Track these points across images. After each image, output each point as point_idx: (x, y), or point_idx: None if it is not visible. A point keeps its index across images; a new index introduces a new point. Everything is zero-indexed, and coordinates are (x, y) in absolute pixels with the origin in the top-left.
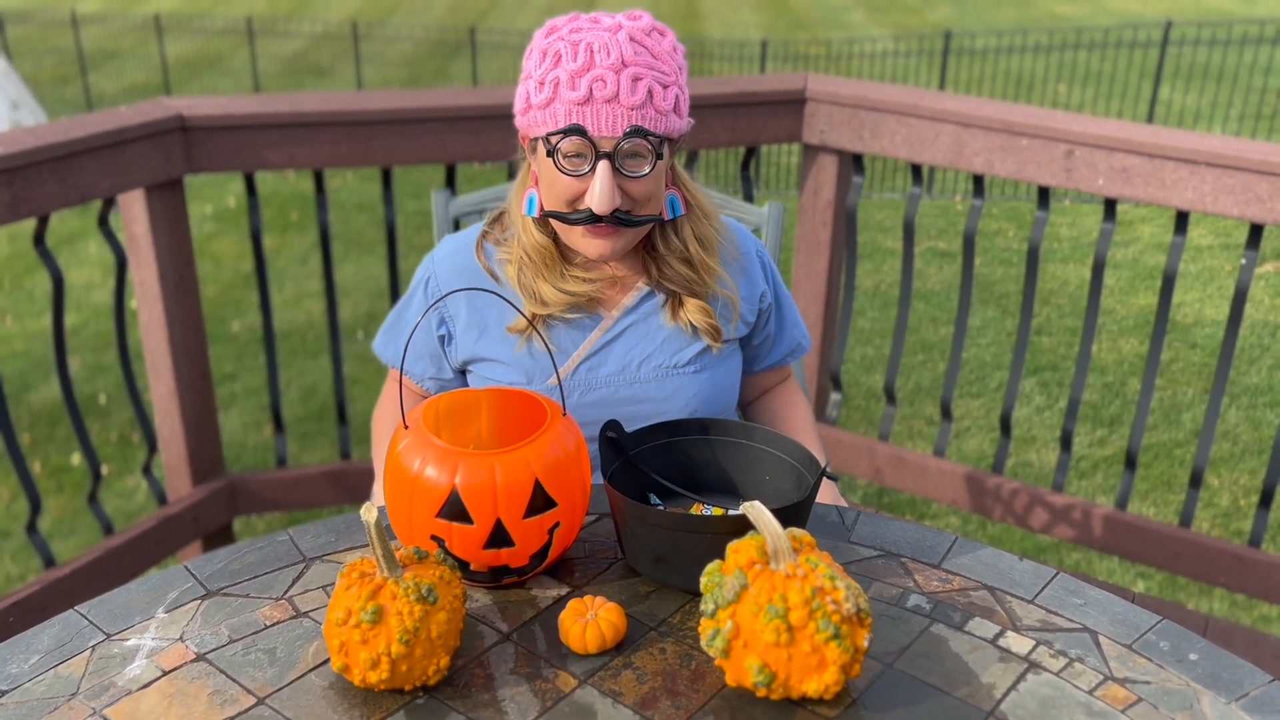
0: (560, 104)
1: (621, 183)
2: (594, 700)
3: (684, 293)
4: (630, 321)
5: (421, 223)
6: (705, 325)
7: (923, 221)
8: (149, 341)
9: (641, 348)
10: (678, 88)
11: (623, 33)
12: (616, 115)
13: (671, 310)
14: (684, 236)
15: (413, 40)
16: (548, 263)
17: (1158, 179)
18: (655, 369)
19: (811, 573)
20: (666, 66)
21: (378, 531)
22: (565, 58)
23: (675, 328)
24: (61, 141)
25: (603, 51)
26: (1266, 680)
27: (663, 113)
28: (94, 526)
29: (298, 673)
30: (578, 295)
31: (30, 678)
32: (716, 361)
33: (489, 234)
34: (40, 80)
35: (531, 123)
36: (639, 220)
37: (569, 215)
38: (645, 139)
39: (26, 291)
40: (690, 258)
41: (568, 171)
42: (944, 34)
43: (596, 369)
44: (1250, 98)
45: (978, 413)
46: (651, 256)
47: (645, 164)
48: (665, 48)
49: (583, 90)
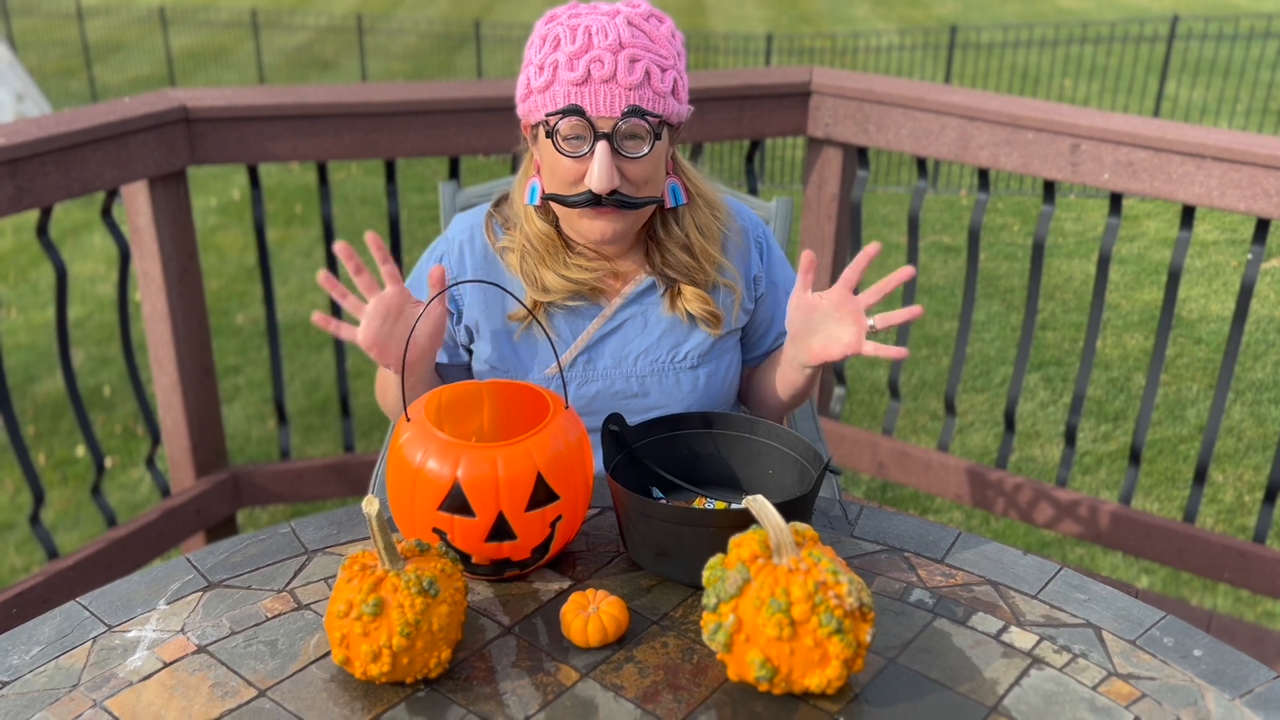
0: (559, 85)
1: (620, 164)
2: (595, 693)
3: (684, 281)
4: (629, 314)
5: (425, 216)
6: (703, 313)
7: (928, 216)
8: (152, 333)
9: (639, 341)
10: (676, 72)
11: (621, 17)
12: (614, 95)
13: (670, 299)
14: (685, 225)
15: (417, 34)
16: (550, 250)
17: (1164, 173)
18: (651, 363)
19: (814, 567)
20: (665, 50)
21: (379, 524)
22: (564, 41)
23: (673, 319)
24: (65, 132)
25: (600, 34)
26: (1271, 676)
27: (660, 94)
28: (97, 519)
29: (299, 665)
30: (580, 283)
31: (31, 669)
32: (714, 356)
33: (494, 215)
34: (45, 72)
35: (531, 108)
36: (638, 202)
37: (569, 197)
38: (643, 119)
39: (31, 284)
40: (691, 245)
41: (567, 153)
42: (950, 28)
43: (594, 361)
44: (1257, 92)
45: (982, 408)
46: (654, 243)
47: (644, 145)
48: (664, 32)
49: (580, 71)
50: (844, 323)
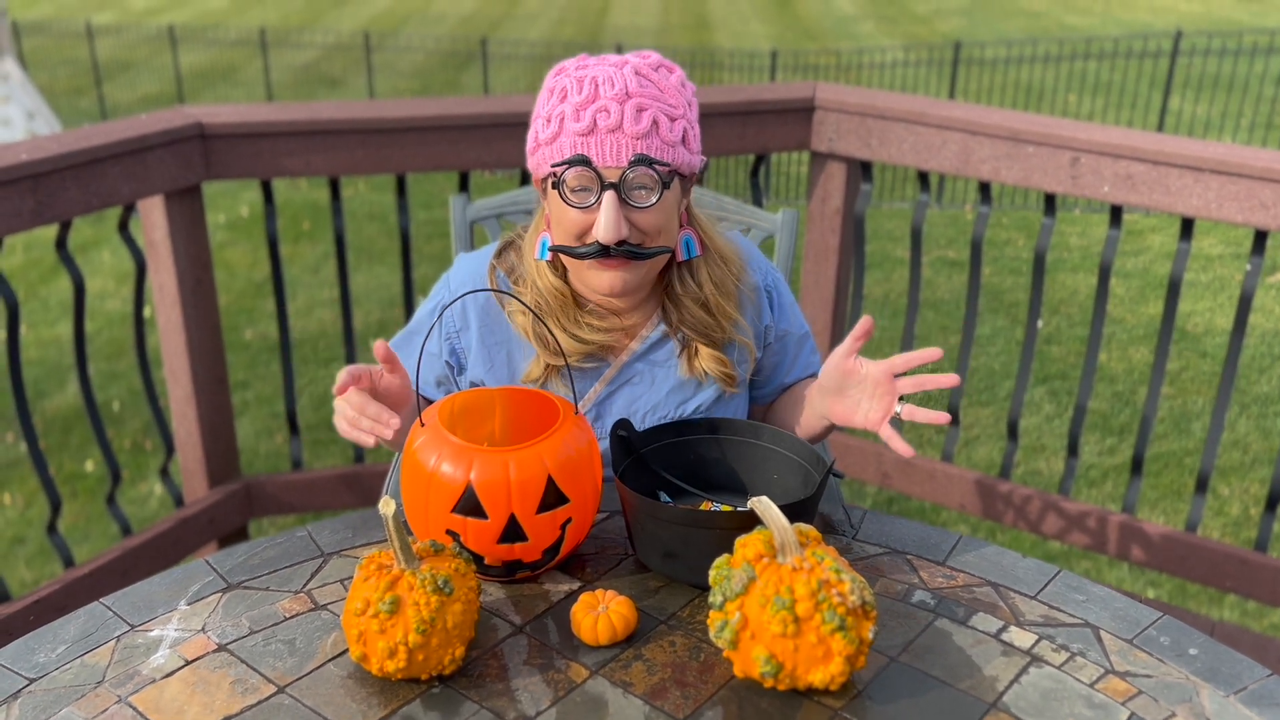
0: (565, 137)
1: (629, 214)
2: (605, 690)
3: (701, 340)
4: (638, 370)
5: (432, 231)
6: (720, 374)
7: (932, 231)
8: (167, 345)
9: (647, 398)
10: (686, 121)
11: (628, 67)
12: (620, 144)
13: (688, 360)
14: (700, 279)
15: (424, 51)
16: (562, 307)
17: (1162, 185)
18: (660, 419)
19: (818, 566)
20: (674, 100)
21: (395, 524)
22: (570, 92)
23: (689, 380)
24: (84, 148)
25: (607, 84)
26: (1265, 674)
27: (669, 144)
28: (108, 533)
29: (317, 662)
30: (592, 344)
31: (57, 666)
32: (720, 408)
33: (498, 266)
34: (55, 91)
35: (540, 161)
36: (648, 253)
37: (577, 249)
38: (651, 168)
39: (41, 300)
40: (707, 302)
41: (574, 204)
42: (954, 44)
43: (603, 417)
44: (1261, 107)
45: (987, 421)
46: (670, 299)
47: (652, 195)
48: (673, 82)
49: (586, 121)
50: (875, 399)
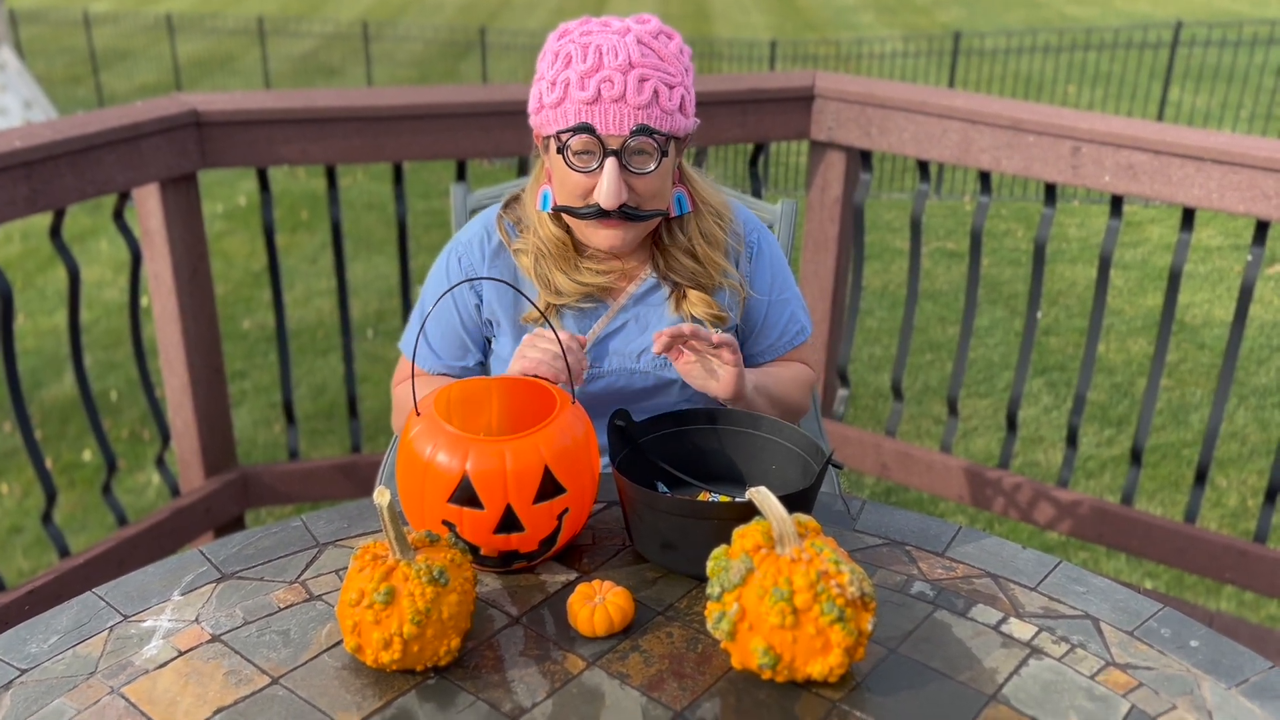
0: (570, 103)
1: (628, 179)
2: (602, 681)
3: (689, 285)
4: (633, 313)
5: (430, 222)
6: (707, 316)
7: (931, 221)
8: (163, 334)
9: (641, 340)
10: (683, 88)
11: (630, 35)
12: (623, 114)
13: (675, 302)
14: (689, 232)
15: (423, 40)
16: (562, 254)
17: (1164, 175)
18: (651, 360)
19: (816, 557)
20: (673, 68)
21: (391, 514)
22: (575, 59)
23: (676, 320)
24: (79, 135)
25: (611, 53)
26: (1266, 666)
27: (668, 112)
28: (104, 522)
29: (311, 653)
30: (590, 286)
31: (50, 657)
32: None
33: (505, 216)
34: (53, 79)
35: (544, 122)
36: (645, 214)
37: (579, 210)
38: (651, 137)
39: (38, 290)
40: (695, 252)
41: (577, 168)
42: (953, 35)
43: (599, 359)
44: (1261, 98)
45: (985, 412)
46: (659, 249)
47: (651, 161)
48: (672, 50)
49: (591, 90)
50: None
